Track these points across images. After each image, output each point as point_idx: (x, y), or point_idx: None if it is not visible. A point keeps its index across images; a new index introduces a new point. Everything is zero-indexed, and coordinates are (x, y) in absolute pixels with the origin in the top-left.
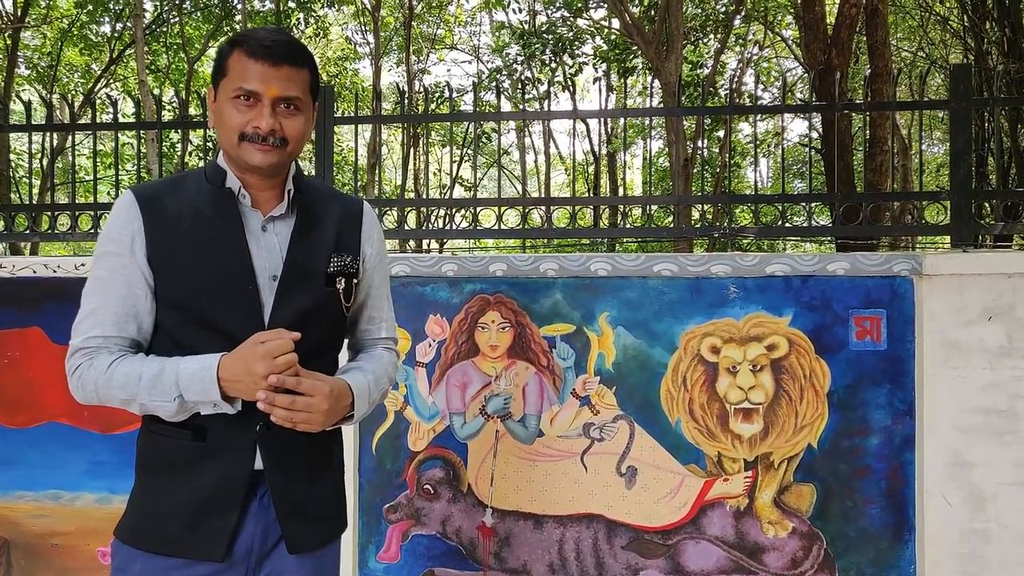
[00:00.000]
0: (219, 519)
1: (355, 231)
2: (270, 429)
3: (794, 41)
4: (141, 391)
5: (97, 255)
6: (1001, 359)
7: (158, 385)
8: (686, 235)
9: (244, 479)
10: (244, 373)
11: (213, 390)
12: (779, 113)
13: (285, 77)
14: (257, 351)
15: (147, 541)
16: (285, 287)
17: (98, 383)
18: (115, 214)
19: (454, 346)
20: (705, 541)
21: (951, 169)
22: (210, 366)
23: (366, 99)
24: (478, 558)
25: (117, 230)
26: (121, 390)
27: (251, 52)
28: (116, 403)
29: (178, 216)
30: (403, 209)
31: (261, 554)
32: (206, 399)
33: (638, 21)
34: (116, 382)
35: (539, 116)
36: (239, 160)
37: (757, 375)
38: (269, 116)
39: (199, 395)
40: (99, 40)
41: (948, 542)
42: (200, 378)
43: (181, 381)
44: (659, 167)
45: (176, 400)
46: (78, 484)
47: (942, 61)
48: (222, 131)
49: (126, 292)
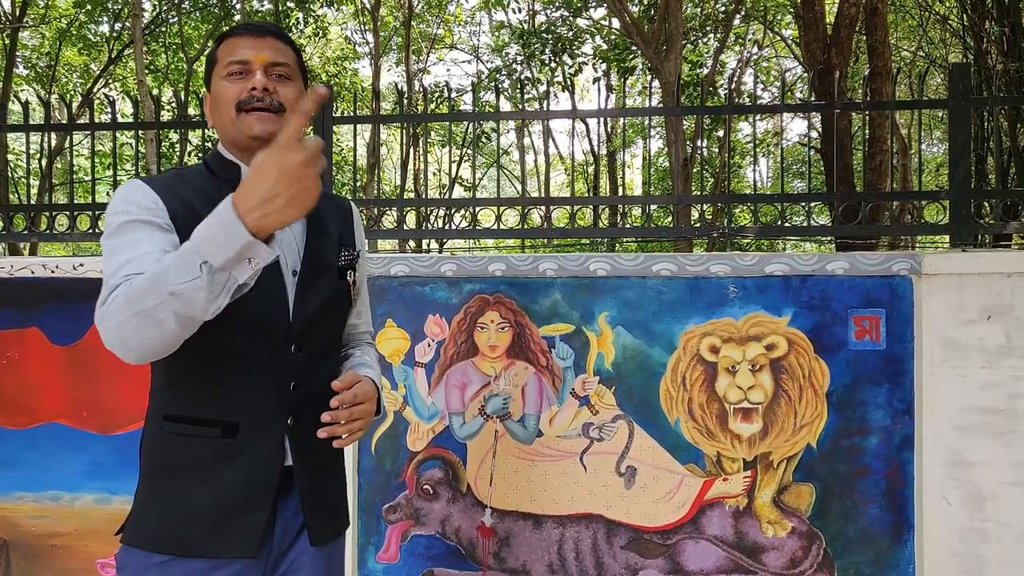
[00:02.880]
0: (251, 515)
1: (349, 227)
2: (299, 422)
3: (794, 40)
4: (171, 278)
5: (119, 224)
6: (1000, 358)
7: (182, 263)
8: (685, 235)
9: (276, 475)
10: (279, 177)
11: (238, 229)
12: (778, 112)
13: (272, 46)
14: (275, 150)
15: (168, 544)
16: (305, 281)
17: (129, 299)
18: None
19: (453, 346)
20: (704, 541)
21: (950, 168)
22: (221, 208)
23: (365, 99)
24: (477, 558)
25: (138, 203)
26: (151, 291)
27: (237, 33)
28: (149, 325)
29: (195, 204)
30: (402, 209)
31: (280, 551)
32: (234, 246)
33: (637, 21)
34: (143, 285)
35: (538, 116)
36: (239, 136)
37: (756, 375)
38: (262, 76)
39: (225, 246)
40: (98, 40)
41: (947, 541)
42: (217, 225)
43: (200, 244)
44: (658, 167)
45: (204, 269)
46: (77, 485)
47: (941, 60)
48: (219, 113)
49: (163, 239)
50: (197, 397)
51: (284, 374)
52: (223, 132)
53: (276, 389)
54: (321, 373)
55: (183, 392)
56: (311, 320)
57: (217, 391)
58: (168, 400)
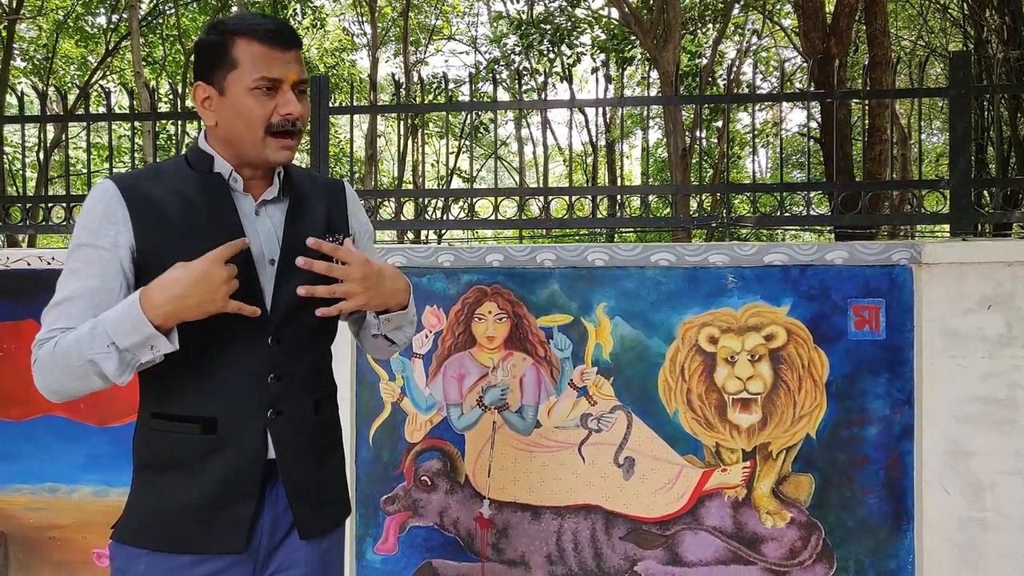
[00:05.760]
0: (236, 510)
1: (341, 209)
2: (280, 415)
3: (793, 30)
4: (84, 347)
5: (72, 247)
6: (1000, 348)
7: (96, 336)
8: (684, 225)
9: (258, 468)
10: (197, 284)
11: (142, 323)
12: (777, 102)
13: (296, 60)
14: (206, 261)
15: (157, 539)
16: (284, 271)
17: (55, 358)
18: (91, 206)
19: (451, 337)
20: (703, 532)
21: (950, 157)
22: (131, 301)
23: (363, 90)
24: (476, 549)
25: (96, 222)
26: (74, 354)
27: (261, 39)
28: (72, 379)
29: (165, 203)
30: (400, 200)
31: (270, 547)
32: (139, 336)
33: (636, 10)
34: (64, 348)
35: (536, 105)
36: (257, 157)
37: (755, 365)
38: (296, 101)
39: (131, 334)
40: (95, 32)
41: (947, 531)
42: (126, 315)
43: (109, 325)
44: (657, 158)
45: (111, 348)
46: (75, 477)
47: (942, 49)
48: (239, 126)
49: (98, 284)
50: (178, 393)
51: (262, 367)
52: (234, 140)
53: (254, 382)
54: (304, 365)
55: (165, 389)
56: (289, 310)
57: (196, 387)
58: (153, 397)
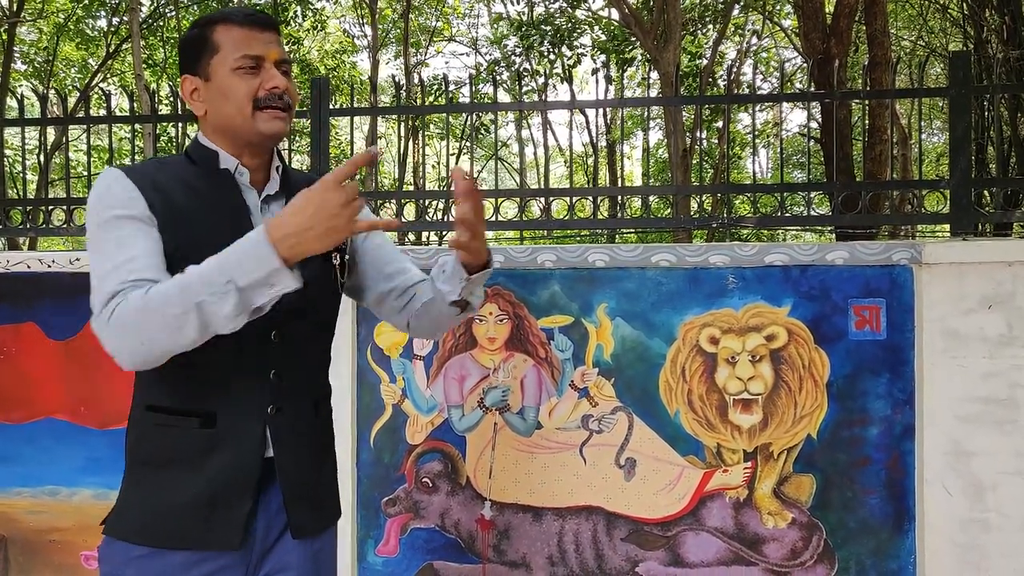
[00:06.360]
0: (234, 507)
1: None
2: (280, 412)
3: (793, 30)
4: (191, 290)
5: (103, 221)
6: (1001, 348)
7: (207, 280)
8: (685, 225)
9: (257, 465)
10: (317, 212)
11: (270, 254)
12: (778, 102)
13: (277, 41)
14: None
15: (154, 537)
16: None
17: (146, 307)
18: (106, 187)
19: (452, 339)
20: (705, 532)
21: (951, 157)
22: (254, 234)
23: (364, 92)
24: (477, 551)
25: (118, 198)
26: (176, 300)
27: (240, 22)
28: (165, 331)
29: (171, 189)
30: (401, 201)
31: (263, 548)
32: (262, 272)
33: (636, 11)
34: (162, 296)
35: (536, 106)
36: (249, 132)
37: (756, 365)
38: (280, 75)
39: (254, 269)
40: (96, 35)
41: (948, 532)
42: (247, 249)
43: (227, 263)
44: (658, 158)
45: (228, 286)
46: (75, 480)
47: (942, 49)
48: (225, 106)
49: (153, 246)
50: (178, 387)
51: (264, 363)
52: (225, 124)
53: (256, 378)
54: (305, 363)
55: (165, 382)
56: (291, 306)
57: (196, 381)
58: (151, 390)
